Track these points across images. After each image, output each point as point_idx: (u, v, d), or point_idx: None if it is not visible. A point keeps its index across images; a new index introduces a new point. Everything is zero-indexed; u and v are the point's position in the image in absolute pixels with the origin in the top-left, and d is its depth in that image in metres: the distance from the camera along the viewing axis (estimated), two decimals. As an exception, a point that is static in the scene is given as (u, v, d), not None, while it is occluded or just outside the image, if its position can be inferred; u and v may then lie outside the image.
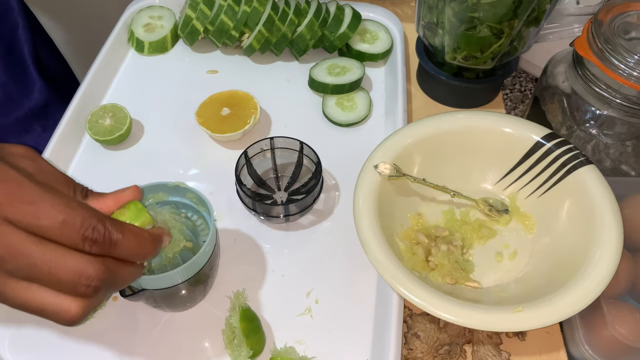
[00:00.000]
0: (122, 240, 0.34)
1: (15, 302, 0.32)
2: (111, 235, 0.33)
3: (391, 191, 0.53)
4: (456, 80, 0.69)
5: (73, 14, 1.15)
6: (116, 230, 0.33)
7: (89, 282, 0.32)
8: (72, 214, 0.32)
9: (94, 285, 0.32)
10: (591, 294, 0.44)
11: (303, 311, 0.54)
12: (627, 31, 0.56)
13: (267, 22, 0.71)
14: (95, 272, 0.32)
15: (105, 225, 0.33)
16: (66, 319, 0.33)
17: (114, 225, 0.34)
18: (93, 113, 0.66)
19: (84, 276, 0.32)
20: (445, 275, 0.51)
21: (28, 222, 0.31)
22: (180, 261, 0.49)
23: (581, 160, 0.52)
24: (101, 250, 0.33)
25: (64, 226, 0.31)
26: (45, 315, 0.33)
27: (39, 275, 0.31)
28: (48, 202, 0.31)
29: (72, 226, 0.32)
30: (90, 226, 0.32)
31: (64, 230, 0.31)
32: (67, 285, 0.32)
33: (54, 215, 0.31)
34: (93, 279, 0.32)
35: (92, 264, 0.32)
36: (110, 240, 0.33)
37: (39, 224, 0.31)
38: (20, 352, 0.51)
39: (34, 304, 0.32)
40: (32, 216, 0.31)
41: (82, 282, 0.32)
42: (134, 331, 0.52)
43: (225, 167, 0.62)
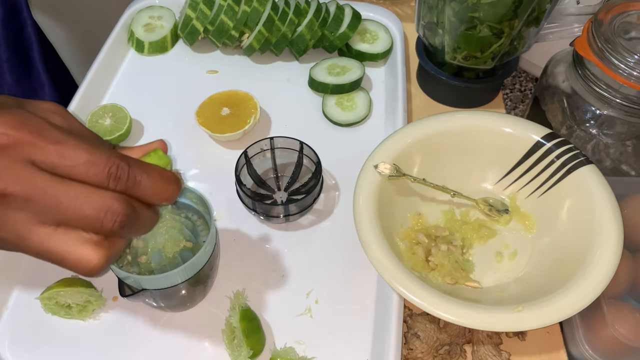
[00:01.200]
0: (146, 178, 0.34)
1: (38, 250, 0.32)
2: (135, 173, 0.33)
3: (391, 191, 0.53)
4: (456, 80, 0.69)
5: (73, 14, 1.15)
6: (140, 169, 0.34)
7: (115, 217, 0.32)
8: (96, 153, 0.32)
9: (120, 220, 0.32)
10: (591, 294, 0.44)
11: (303, 311, 0.54)
12: (627, 31, 0.55)
13: (267, 22, 0.71)
14: (121, 207, 0.32)
15: (130, 164, 0.33)
16: (88, 268, 0.33)
17: (138, 164, 0.34)
18: (93, 113, 0.66)
19: (110, 211, 0.32)
20: (445, 275, 0.51)
21: (52, 162, 0.31)
22: (180, 261, 0.49)
23: (581, 160, 0.52)
24: (125, 188, 0.33)
25: (89, 165, 0.32)
26: (66, 264, 0.33)
27: (65, 214, 0.31)
28: (72, 143, 0.32)
29: (96, 165, 0.32)
30: (114, 164, 0.32)
31: (88, 169, 0.32)
32: (94, 222, 0.32)
33: (79, 155, 0.32)
34: (119, 214, 0.32)
35: (117, 200, 0.32)
36: (135, 178, 0.33)
37: (63, 163, 0.31)
38: (20, 352, 0.51)
39: (57, 252, 0.32)
40: (57, 156, 0.31)
41: (109, 217, 0.32)
42: (134, 331, 0.52)
43: (225, 167, 0.62)
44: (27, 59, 0.79)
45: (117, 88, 0.73)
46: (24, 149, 0.31)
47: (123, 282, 0.46)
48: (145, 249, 0.49)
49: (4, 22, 0.75)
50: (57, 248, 0.32)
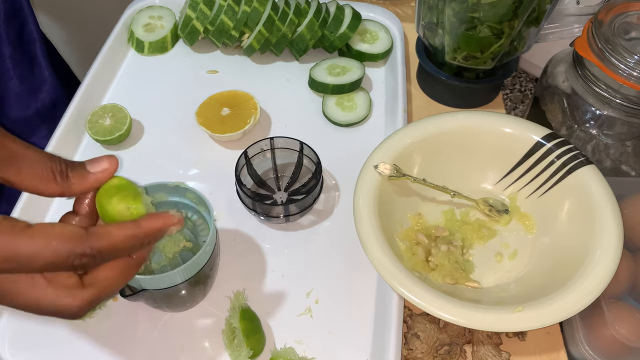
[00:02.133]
0: (113, 250, 0.33)
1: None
2: (101, 252, 0.33)
3: (391, 191, 0.53)
4: (456, 80, 0.69)
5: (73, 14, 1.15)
6: (105, 244, 0.33)
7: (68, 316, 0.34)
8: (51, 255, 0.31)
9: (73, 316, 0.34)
10: (591, 294, 0.44)
11: (303, 311, 0.54)
12: (627, 31, 0.56)
13: (267, 22, 0.71)
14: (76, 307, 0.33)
15: (92, 247, 0.32)
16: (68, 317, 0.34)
17: (100, 240, 0.33)
18: (93, 113, 0.66)
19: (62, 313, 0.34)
20: (446, 275, 0.51)
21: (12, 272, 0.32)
22: (180, 261, 0.49)
23: (581, 161, 0.52)
24: (98, 265, 0.33)
25: (51, 266, 0.32)
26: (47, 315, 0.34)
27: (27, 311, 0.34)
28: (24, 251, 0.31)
29: (58, 264, 0.32)
30: (76, 256, 0.32)
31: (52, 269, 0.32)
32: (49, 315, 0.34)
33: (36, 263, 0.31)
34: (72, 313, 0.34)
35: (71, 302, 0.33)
36: (101, 256, 0.33)
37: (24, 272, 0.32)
38: (20, 352, 0.51)
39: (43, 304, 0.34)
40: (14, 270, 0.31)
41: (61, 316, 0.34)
42: (134, 331, 0.52)
43: (225, 167, 0.62)
44: (30, 55, 0.79)
45: (117, 88, 0.73)
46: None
47: (123, 282, 0.46)
48: (145, 249, 0.49)
49: (6, 19, 0.75)
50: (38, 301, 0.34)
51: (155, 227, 0.35)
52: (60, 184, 0.34)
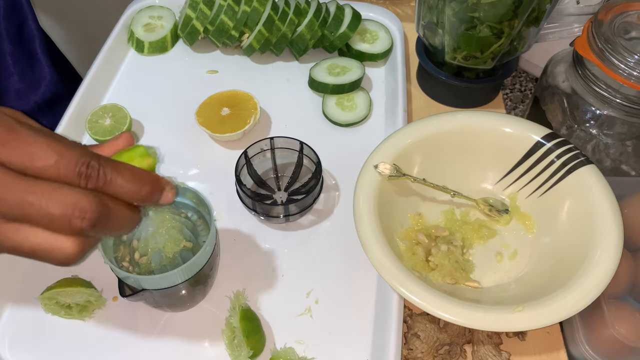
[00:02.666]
0: (118, 177, 0.33)
1: (6, 246, 0.32)
2: (106, 172, 0.32)
3: (391, 191, 0.53)
4: (456, 80, 0.69)
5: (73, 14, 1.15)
6: (111, 167, 0.33)
7: (84, 214, 0.31)
8: (66, 152, 0.31)
9: (89, 217, 0.31)
10: (591, 294, 0.44)
11: (303, 311, 0.54)
12: (627, 31, 0.56)
13: (267, 22, 0.71)
14: (90, 204, 0.31)
15: (100, 162, 0.32)
16: (60, 258, 0.32)
17: (109, 163, 0.33)
18: (93, 113, 0.66)
19: (78, 208, 0.31)
20: (446, 275, 0.51)
21: (22, 164, 0.31)
22: (180, 261, 0.49)
23: (581, 160, 0.52)
24: (96, 187, 0.32)
25: (59, 164, 0.31)
26: (38, 256, 0.32)
27: (30, 213, 0.31)
28: (42, 143, 0.31)
29: (66, 164, 0.31)
30: (84, 163, 0.31)
31: (58, 168, 0.31)
32: (61, 221, 0.31)
33: (49, 155, 0.31)
34: (87, 210, 0.31)
35: (86, 197, 0.31)
36: (105, 176, 0.32)
37: (34, 165, 0.31)
38: (20, 352, 0.51)
39: (27, 245, 0.32)
40: (27, 157, 0.31)
41: (76, 214, 0.31)
42: (134, 331, 0.52)
43: (225, 167, 0.62)
44: (30, 51, 0.79)
45: (117, 88, 0.73)
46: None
47: (123, 282, 0.46)
48: (145, 249, 0.49)
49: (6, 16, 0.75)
50: (26, 242, 0.31)
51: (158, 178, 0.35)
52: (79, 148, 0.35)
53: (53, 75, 0.80)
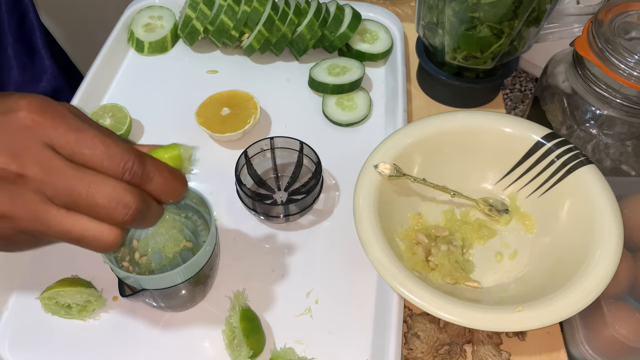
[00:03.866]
0: (159, 176, 0.35)
1: (56, 230, 0.33)
2: (149, 170, 0.34)
3: (391, 191, 0.53)
4: (456, 80, 0.69)
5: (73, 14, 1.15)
6: (154, 166, 0.34)
7: (127, 210, 0.33)
8: (113, 145, 0.33)
9: (132, 212, 0.33)
10: (591, 294, 0.44)
11: (303, 311, 0.54)
12: (627, 31, 0.56)
13: (267, 22, 0.71)
14: (134, 200, 0.33)
15: (144, 160, 0.34)
16: (102, 246, 0.34)
17: (152, 161, 0.35)
18: (93, 113, 0.66)
19: (122, 203, 0.33)
20: (446, 275, 0.51)
21: (71, 149, 0.32)
22: (180, 261, 0.49)
23: (581, 160, 0.52)
24: (139, 183, 0.34)
25: (105, 156, 0.32)
26: (85, 241, 0.34)
27: (77, 200, 0.32)
28: (91, 133, 0.32)
29: (112, 157, 0.33)
30: (130, 159, 0.33)
31: (104, 160, 0.32)
32: (104, 211, 0.33)
33: (96, 145, 0.32)
34: (131, 207, 0.33)
35: (130, 193, 0.33)
36: (148, 175, 0.34)
37: (81, 151, 0.32)
38: (20, 352, 0.51)
39: (76, 231, 0.33)
40: (75, 143, 0.32)
41: (120, 209, 0.33)
42: (134, 331, 0.52)
43: (225, 167, 0.62)
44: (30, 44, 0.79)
45: (117, 88, 0.73)
46: (45, 132, 0.31)
47: (123, 282, 0.46)
48: (145, 249, 0.49)
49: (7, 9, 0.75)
50: (75, 228, 0.33)
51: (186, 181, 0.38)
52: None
53: (53, 69, 0.81)
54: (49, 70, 0.81)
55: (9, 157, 0.31)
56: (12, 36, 0.76)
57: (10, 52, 0.77)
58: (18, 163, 0.31)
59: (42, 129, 0.31)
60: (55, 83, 0.81)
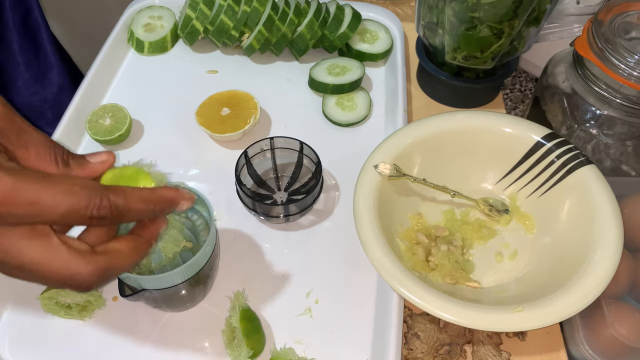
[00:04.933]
0: (127, 208, 0.34)
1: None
2: (118, 207, 0.33)
3: (391, 191, 0.53)
4: (456, 80, 0.69)
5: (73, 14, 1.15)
6: (122, 200, 0.33)
7: (79, 284, 0.33)
8: (73, 201, 0.31)
9: (85, 286, 0.33)
10: (591, 294, 0.44)
11: (303, 311, 0.54)
12: (627, 31, 0.56)
13: (267, 22, 0.71)
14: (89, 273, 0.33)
15: (110, 200, 0.33)
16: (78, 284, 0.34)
17: (117, 196, 0.33)
18: (93, 113, 0.66)
19: (74, 279, 0.32)
20: (446, 275, 0.51)
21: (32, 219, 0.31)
22: (180, 261, 0.49)
23: (581, 160, 0.52)
24: (112, 223, 0.33)
25: (70, 214, 0.31)
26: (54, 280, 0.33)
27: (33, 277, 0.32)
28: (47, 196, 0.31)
29: (77, 212, 0.32)
30: (94, 206, 0.32)
31: (70, 218, 0.32)
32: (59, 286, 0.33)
33: (57, 209, 0.31)
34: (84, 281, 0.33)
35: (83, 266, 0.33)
36: (118, 212, 0.33)
37: (44, 220, 0.31)
38: (20, 352, 0.51)
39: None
40: (36, 216, 0.31)
41: (71, 283, 0.33)
42: (134, 331, 0.52)
43: (225, 167, 0.62)
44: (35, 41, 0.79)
45: (117, 88, 0.73)
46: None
47: (123, 282, 0.46)
48: (145, 249, 0.49)
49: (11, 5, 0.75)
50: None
51: (169, 196, 0.36)
52: (60, 168, 0.35)
53: (58, 66, 0.81)
54: (54, 67, 0.81)
55: None
56: (17, 32, 0.77)
57: (15, 48, 0.77)
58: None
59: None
60: (60, 80, 0.81)
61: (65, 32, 1.17)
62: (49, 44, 0.80)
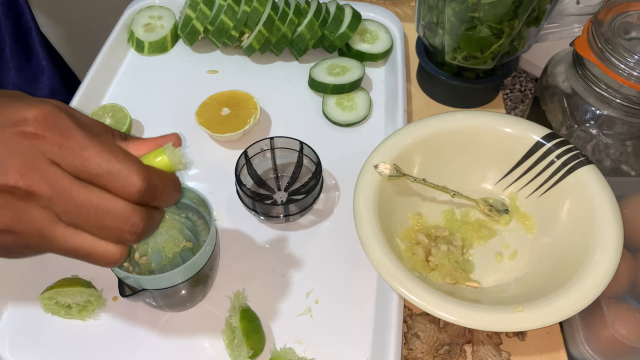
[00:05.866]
0: (161, 189, 0.34)
1: (63, 248, 0.33)
2: (154, 187, 0.34)
3: (391, 191, 0.53)
4: (456, 80, 0.69)
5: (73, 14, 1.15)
6: (158, 181, 0.34)
7: (135, 229, 0.33)
8: (118, 164, 0.32)
9: (139, 232, 0.33)
10: (591, 294, 0.44)
11: (303, 311, 0.54)
12: (627, 31, 0.56)
13: (267, 22, 0.71)
14: (141, 220, 0.33)
15: (149, 178, 0.33)
16: (107, 262, 0.34)
17: (155, 177, 0.34)
18: (93, 113, 0.66)
19: (129, 223, 0.33)
20: (446, 275, 0.51)
21: (76, 167, 0.32)
22: (180, 261, 0.49)
23: (581, 160, 0.52)
24: (145, 201, 0.34)
25: (110, 175, 0.32)
26: (90, 260, 0.34)
27: (85, 220, 0.32)
28: (96, 149, 0.32)
29: (118, 176, 0.32)
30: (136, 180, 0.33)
31: (108, 180, 0.32)
32: (113, 232, 0.33)
33: (101, 164, 0.32)
34: (138, 226, 0.33)
35: (138, 212, 0.33)
36: (154, 193, 0.34)
37: (87, 170, 0.32)
38: (20, 352, 0.51)
39: (83, 249, 0.33)
40: (81, 162, 0.32)
41: (127, 228, 0.33)
42: (134, 331, 0.52)
43: (225, 167, 0.62)
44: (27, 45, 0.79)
45: (117, 88, 0.73)
46: (52, 149, 0.31)
47: (123, 282, 0.46)
48: (145, 249, 0.49)
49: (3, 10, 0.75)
50: (83, 245, 0.33)
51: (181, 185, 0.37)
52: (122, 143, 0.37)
53: (50, 70, 0.80)
54: (45, 72, 0.81)
55: (17, 173, 0.30)
56: (8, 37, 0.76)
57: (7, 53, 0.77)
58: (26, 180, 0.30)
59: (49, 145, 0.31)
60: (52, 84, 0.81)
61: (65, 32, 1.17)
62: (40, 47, 0.80)
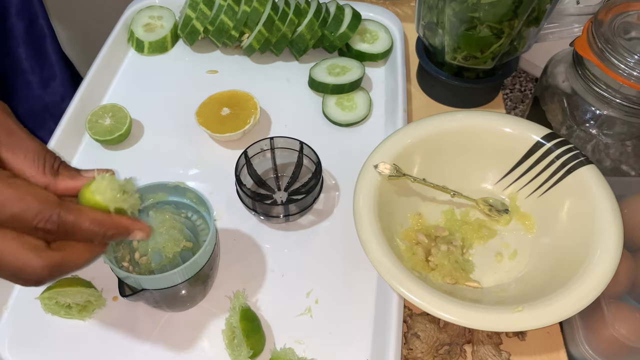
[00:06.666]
0: (77, 228, 0.34)
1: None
2: (66, 224, 0.34)
3: (391, 191, 0.53)
4: (456, 80, 0.69)
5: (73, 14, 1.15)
6: (72, 218, 0.34)
7: (29, 277, 0.34)
8: (23, 207, 0.32)
9: (35, 279, 0.34)
10: (591, 294, 0.44)
11: (303, 311, 0.54)
12: (627, 31, 0.56)
13: (267, 22, 0.71)
14: (40, 266, 0.33)
15: (60, 215, 0.33)
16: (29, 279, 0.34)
17: (69, 213, 0.34)
18: (93, 113, 0.66)
19: (24, 272, 0.33)
20: (446, 275, 0.51)
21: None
22: (180, 261, 0.49)
23: (581, 160, 0.52)
24: (56, 238, 0.34)
25: (16, 220, 0.32)
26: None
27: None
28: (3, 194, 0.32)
29: (24, 219, 0.32)
30: (42, 218, 0.33)
31: (17, 224, 0.32)
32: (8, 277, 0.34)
33: (5, 210, 0.32)
34: (35, 274, 0.33)
35: (35, 259, 0.33)
36: (65, 229, 0.34)
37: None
38: (20, 352, 0.51)
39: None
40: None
41: (22, 276, 0.33)
42: (134, 331, 0.52)
43: (225, 167, 0.62)
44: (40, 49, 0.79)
45: (117, 88, 0.73)
46: None
47: (123, 282, 0.46)
48: (145, 249, 0.49)
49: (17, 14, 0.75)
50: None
51: (123, 223, 0.37)
52: (47, 177, 0.36)
53: (62, 74, 0.81)
54: (57, 76, 0.81)
55: None
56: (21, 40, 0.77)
57: (19, 56, 0.77)
58: None
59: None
60: (63, 88, 0.81)
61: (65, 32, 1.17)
62: (53, 53, 0.80)
